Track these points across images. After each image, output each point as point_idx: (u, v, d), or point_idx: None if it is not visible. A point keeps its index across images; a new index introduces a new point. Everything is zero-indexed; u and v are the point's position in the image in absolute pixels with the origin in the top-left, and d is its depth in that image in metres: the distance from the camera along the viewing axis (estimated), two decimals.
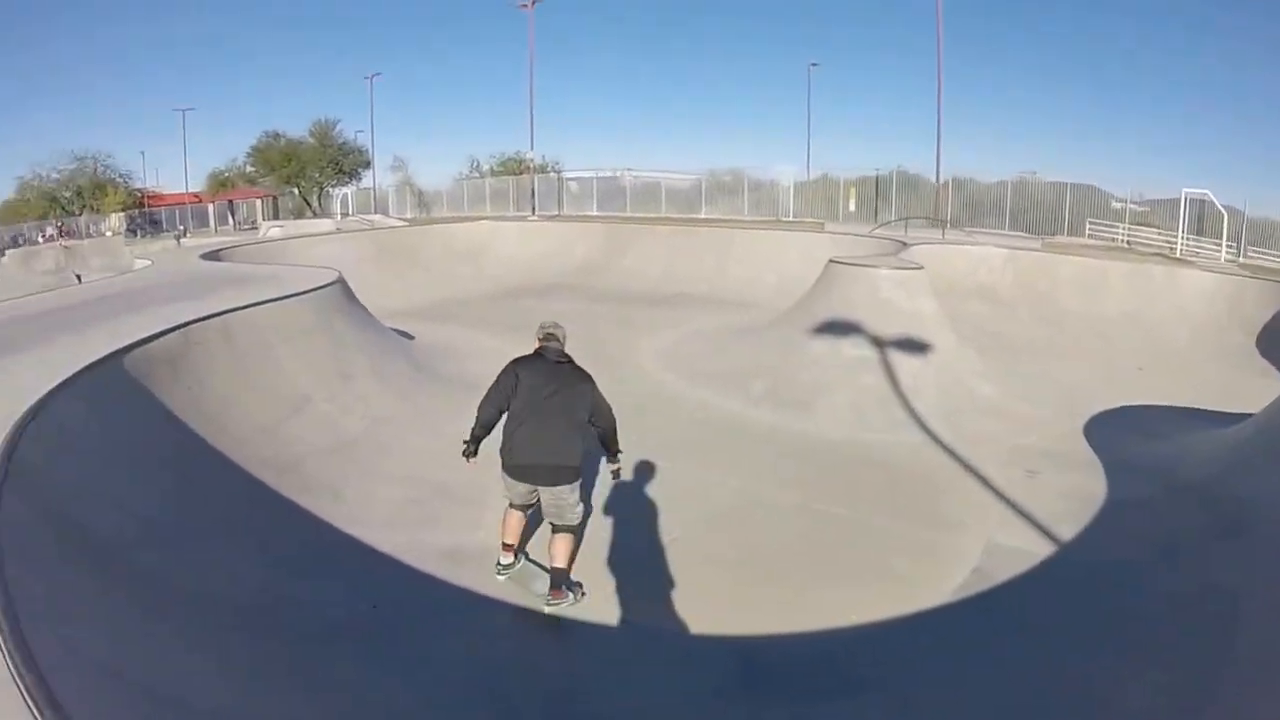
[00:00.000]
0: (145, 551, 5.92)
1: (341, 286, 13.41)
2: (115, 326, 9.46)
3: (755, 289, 24.10)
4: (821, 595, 7.25)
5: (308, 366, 10.86)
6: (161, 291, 13.08)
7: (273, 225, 40.65)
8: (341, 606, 6.57)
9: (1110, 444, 10.97)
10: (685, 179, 49.12)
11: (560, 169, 57.64)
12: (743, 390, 13.27)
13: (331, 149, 69.14)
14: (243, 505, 7.80)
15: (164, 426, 7.98)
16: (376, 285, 19.04)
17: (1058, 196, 35.40)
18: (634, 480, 9.41)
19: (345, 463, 9.37)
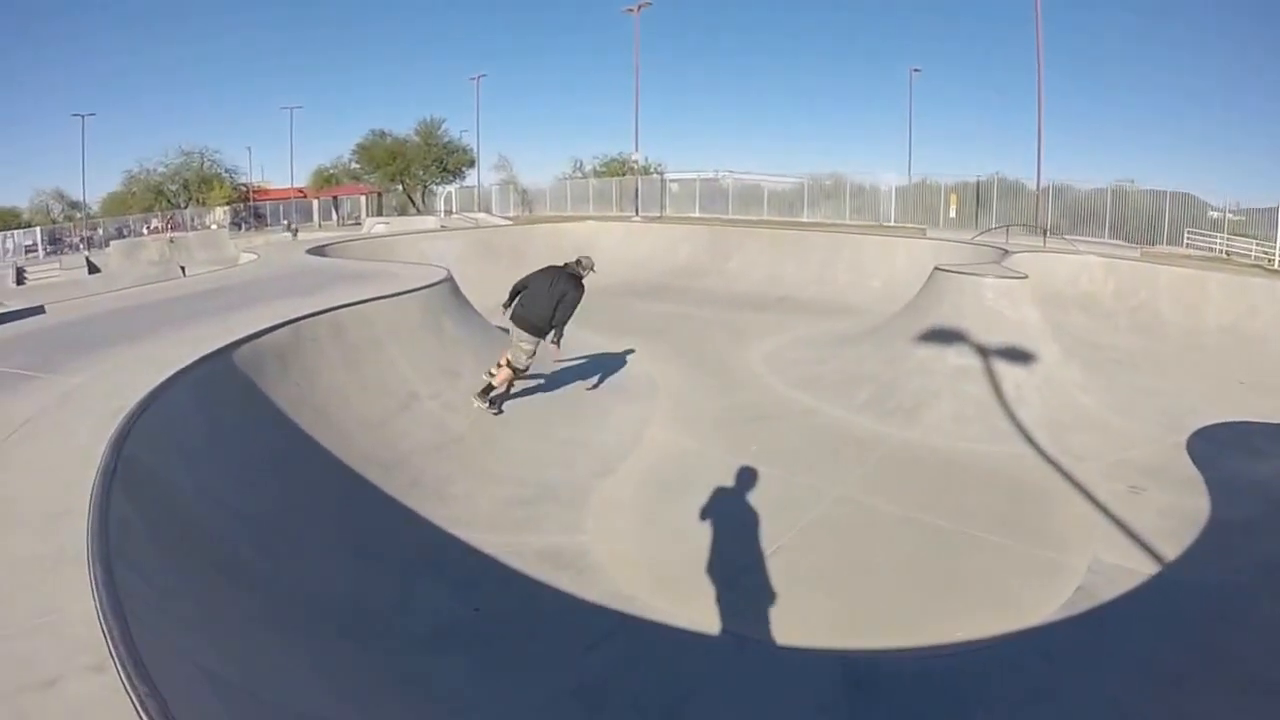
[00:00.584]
0: (250, 552, 6.08)
1: (450, 284, 13.61)
2: (225, 320, 9.69)
3: (860, 294, 24.12)
4: (926, 610, 7.20)
5: (416, 364, 10.98)
6: (269, 286, 13.46)
7: (378, 221, 41.42)
8: (445, 610, 6.65)
9: (1213, 461, 10.71)
10: (785, 182, 49.12)
11: (663, 170, 57.92)
12: (847, 397, 13.21)
13: (436, 147, 69.58)
14: (348, 504, 7.90)
15: (272, 422, 8.13)
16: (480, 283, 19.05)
17: (1156, 205, 34.88)
18: (738, 487, 9.47)
19: (450, 461, 9.47)
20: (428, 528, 7.95)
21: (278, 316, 9.79)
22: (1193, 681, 6.12)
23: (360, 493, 8.15)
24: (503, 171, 68.65)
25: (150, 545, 4.84)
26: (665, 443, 11.14)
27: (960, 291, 14.44)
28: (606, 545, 8.06)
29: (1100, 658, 6.50)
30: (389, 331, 10.97)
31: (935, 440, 11.57)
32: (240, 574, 5.76)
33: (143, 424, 5.83)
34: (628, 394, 13.34)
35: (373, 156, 68.22)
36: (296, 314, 9.93)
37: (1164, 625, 7.02)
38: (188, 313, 10.63)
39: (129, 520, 4.60)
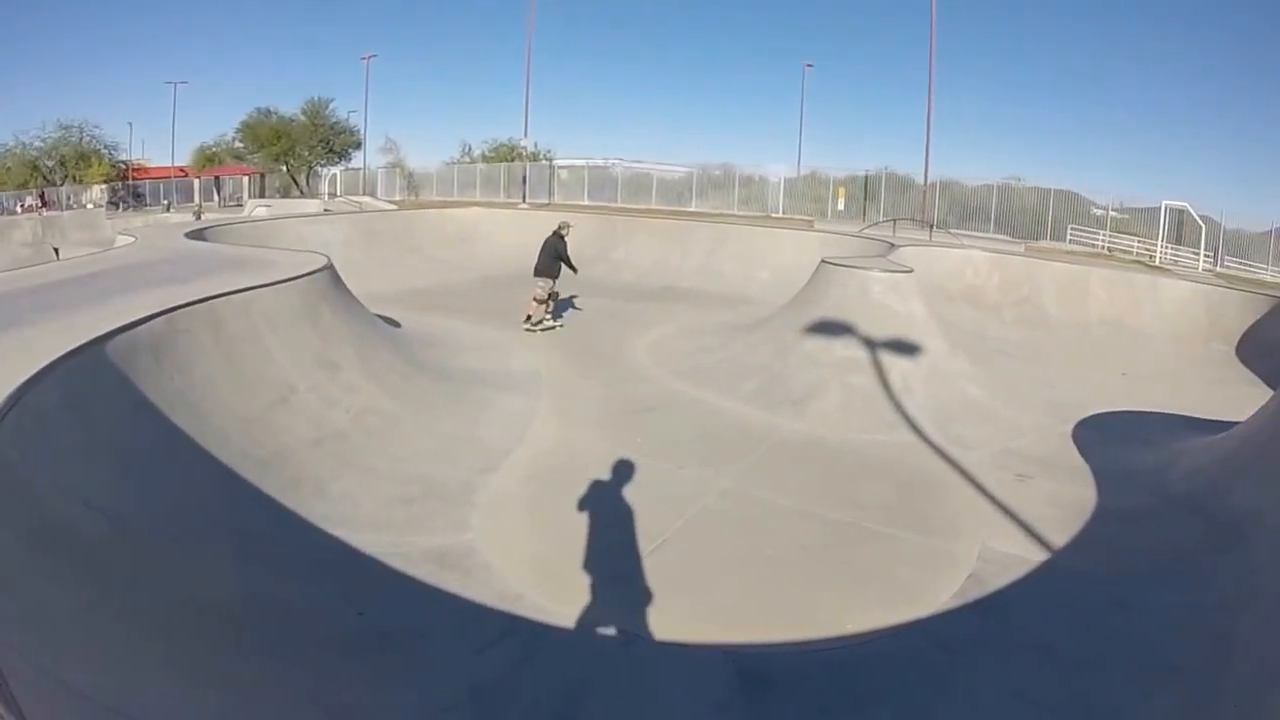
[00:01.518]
0: (125, 556, 5.75)
1: (330, 272, 13.18)
2: (98, 309, 9.13)
3: (747, 285, 24.30)
4: (818, 602, 7.17)
5: (294, 356, 10.60)
6: (146, 272, 12.82)
7: (259, 204, 40.46)
8: (331, 615, 6.45)
9: (1098, 450, 11.07)
10: (675, 171, 49.28)
11: (552, 157, 57.75)
12: (734, 388, 13.24)
13: (323, 128, 68.42)
14: (227, 503, 7.59)
15: (146, 418, 7.70)
16: (364, 269, 18.84)
17: (1041, 202, 36.01)
18: (624, 480, 9.39)
19: (331, 458, 9.18)
20: (309, 528, 7.68)
21: (153, 305, 9.30)
22: (1094, 666, 6.23)
23: (239, 492, 7.81)
24: (390, 154, 67.75)
25: (23, 558, 4.61)
26: (550, 437, 10.99)
27: (847, 284, 14.57)
28: (494, 544, 7.88)
29: (1000, 646, 6.60)
30: (266, 322, 10.53)
31: (823, 431, 11.63)
32: (118, 582, 5.43)
33: (9, 424, 5.50)
34: (512, 387, 13.14)
35: (257, 135, 66.70)
36: (171, 303, 9.42)
37: (1062, 612, 7.12)
38: (58, 300, 10.03)
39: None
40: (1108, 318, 20.64)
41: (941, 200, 38.30)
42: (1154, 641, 6.52)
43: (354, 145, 70.69)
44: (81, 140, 67.05)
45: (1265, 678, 5.61)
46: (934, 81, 38.17)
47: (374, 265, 23.00)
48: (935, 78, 38.39)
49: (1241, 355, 18.79)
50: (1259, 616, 6.34)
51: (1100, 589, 7.43)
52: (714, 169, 47.87)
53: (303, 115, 68.41)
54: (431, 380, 12.63)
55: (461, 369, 13.78)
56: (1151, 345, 19.18)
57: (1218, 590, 7.09)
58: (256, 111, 68.34)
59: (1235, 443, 9.98)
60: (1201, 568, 7.59)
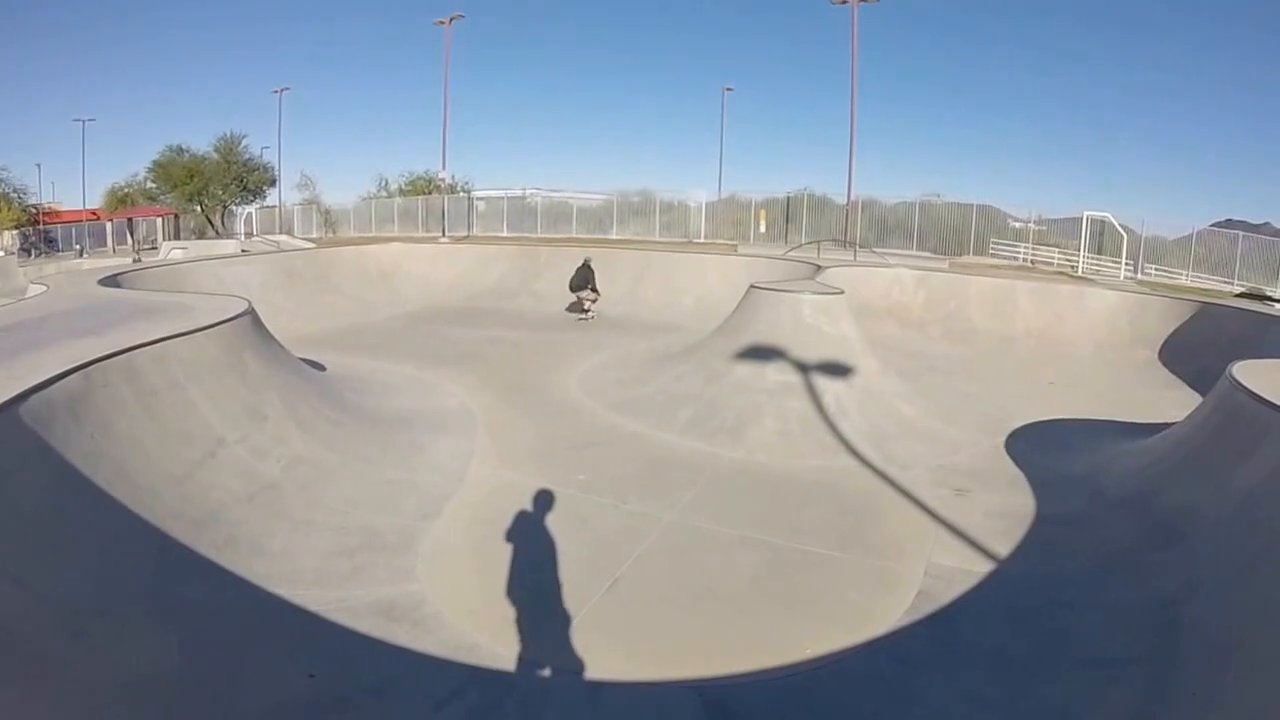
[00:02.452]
0: (59, 641, 5.49)
1: (252, 317, 12.76)
2: (10, 367, 8.59)
3: (672, 312, 24.42)
4: (774, 630, 7.13)
5: (219, 407, 10.20)
6: (61, 323, 12.30)
7: (175, 246, 39.63)
8: (278, 680, 6.18)
9: (1032, 460, 11.28)
10: (594, 199, 49.29)
11: (470, 188, 57.44)
12: (670, 418, 13.15)
13: (236, 165, 67.30)
14: (162, 569, 7.24)
15: (69, 483, 7.29)
16: (285, 310, 18.57)
17: (962, 217, 36.40)
18: (570, 520, 9.26)
19: (266, 512, 8.86)
20: (249, 589, 7.39)
21: (69, 360, 8.85)
22: (1042, 665, 6.44)
23: (173, 555, 7.47)
24: (306, 190, 67.07)
25: None
26: (490, 478, 10.81)
27: (777, 308, 14.58)
28: (443, 592, 7.69)
29: (953, 656, 6.71)
30: (187, 373, 10.11)
31: (761, 458, 11.62)
32: (51, 671, 5.16)
33: None
34: (446, 428, 12.92)
35: (170, 175, 65.40)
36: (87, 357, 8.97)
37: (1007, 618, 7.27)
38: None
39: None
40: (1034, 329, 21.12)
41: (862, 219, 38.40)
42: (1102, 638, 6.71)
43: (269, 182, 69.65)
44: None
45: (1218, 661, 5.82)
46: (856, 100, 38.45)
47: (295, 306, 22.72)
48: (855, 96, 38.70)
49: (1165, 359, 19.35)
50: (1203, 604, 6.60)
51: (1045, 592, 7.64)
52: (633, 196, 47.88)
53: (215, 152, 67.20)
54: (363, 425, 12.33)
55: (392, 411, 13.52)
56: (1077, 354, 19.67)
57: (1160, 584, 7.28)
58: (168, 149, 67.05)
59: (1168, 445, 10.29)
60: (1142, 564, 7.82)
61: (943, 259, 31.90)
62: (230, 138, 67.99)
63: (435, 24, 48.61)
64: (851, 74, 39.06)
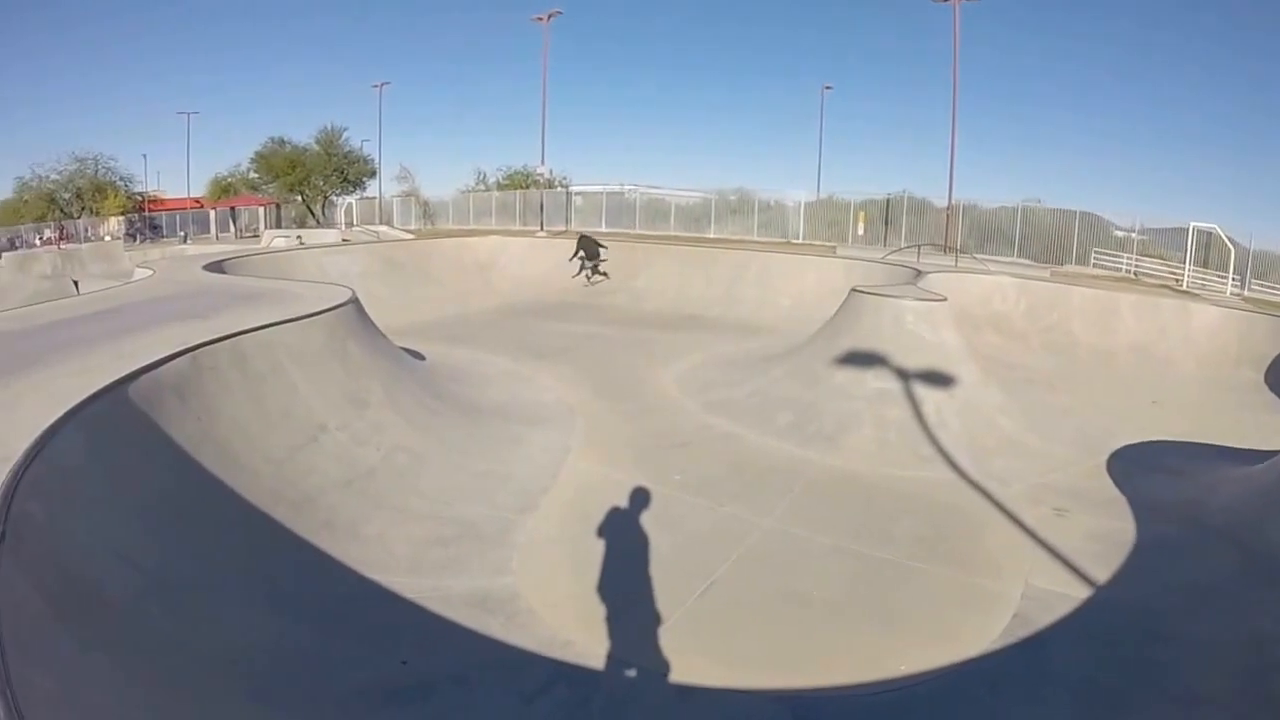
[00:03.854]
0: (158, 611, 5.55)
1: (355, 306, 13.00)
2: (119, 347, 8.95)
3: (769, 313, 24.08)
4: (867, 643, 7.04)
5: (322, 393, 10.39)
6: (167, 307, 12.67)
7: (278, 234, 40.42)
8: (369, 664, 6.26)
9: (1133, 482, 10.85)
10: (692, 196, 49.14)
11: (567, 183, 57.63)
12: (767, 421, 13.03)
13: (337, 157, 68.77)
14: (258, 549, 7.40)
15: (173, 462, 7.47)
16: (384, 300, 18.67)
17: (1063, 224, 35.25)
18: (666, 520, 9.23)
19: (363, 498, 8.98)
20: (345, 572, 7.49)
21: (175, 342, 9.11)
22: (1132, 698, 6.20)
23: (271, 536, 7.61)
24: (405, 183, 67.76)
25: (49, 623, 4.35)
26: (587, 473, 10.81)
27: (879, 313, 14.32)
28: (536, 587, 7.70)
29: (1045, 684, 6.50)
30: (292, 359, 10.31)
31: (859, 466, 11.44)
32: (149, 639, 5.22)
33: (32, 474, 5.21)
34: (543, 421, 12.94)
35: (271, 166, 67.04)
36: (195, 340, 9.20)
37: (1100, 647, 7.01)
38: (79, 337, 9.82)
39: (24, 599, 4.11)
40: (1136, 344, 20.33)
41: (962, 224, 37.78)
42: (1193, 674, 6.49)
43: (368, 174, 71.08)
44: (97, 173, 67.56)
45: None
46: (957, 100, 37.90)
47: (394, 296, 22.99)
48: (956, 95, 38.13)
49: (1271, 382, 18.35)
50: None
51: (1139, 621, 7.36)
52: (730, 194, 47.56)
53: (316, 145, 68.81)
54: (461, 416, 12.42)
55: (490, 403, 13.60)
56: (1179, 372, 18.90)
57: (1256, 623, 7.05)
58: (270, 141, 68.96)
59: (1275, 475, 9.77)
60: (1240, 600, 7.55)
61: (1044, 267, 31.03)
62: (331, 130, 69.62)
63: (533, 20, 48.96)
64: (953, 73, 38.62)
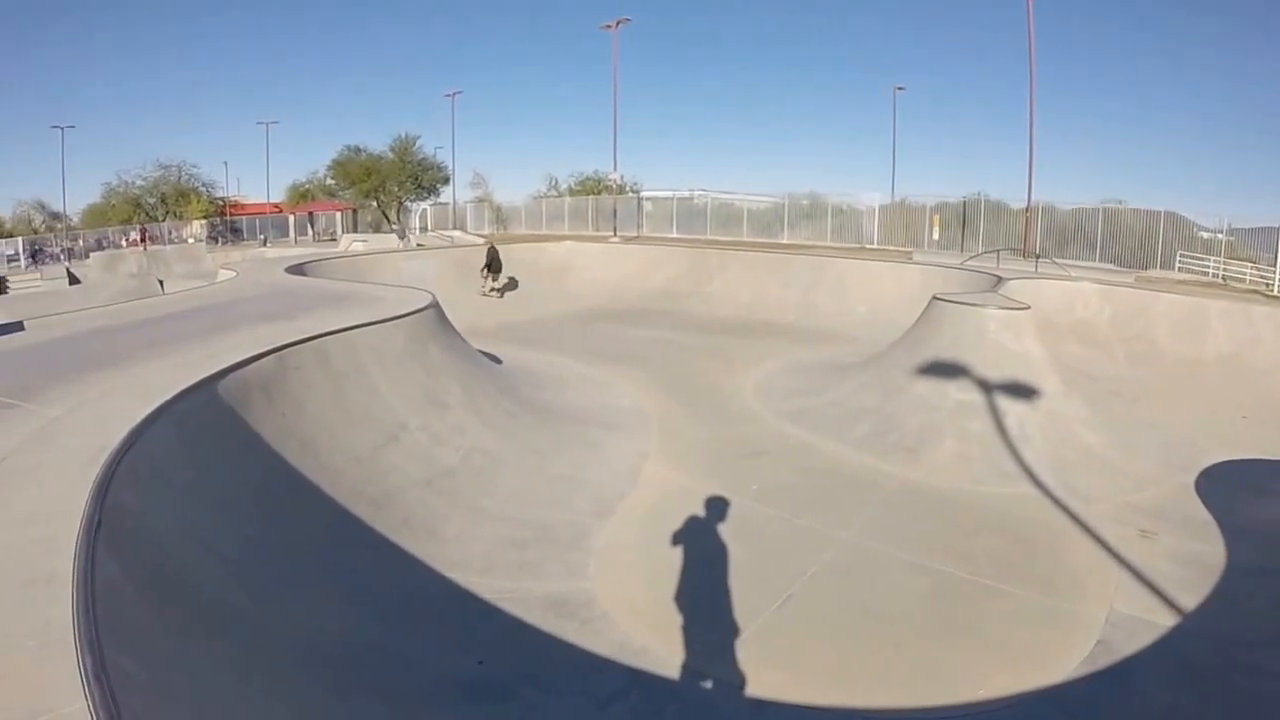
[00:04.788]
0: (242, 600, 5.72)
1: (436, 309, 13.20)
2: (209, 346, 9.30)
3: (845, 320, 23.72)
4: (948, 663, 6.91)
5: (403, 394, 10.60)
6: (251, 307, 13.02)
7: (355, 239, 40.91)
8: (446, 663, 6.35)
9: (1223, 503, 10.48)
10: (763, 201, 48.88)
11: (639, 188, 57.73)
12: (845, 431, 12.86)
13: (411, 164, 69.74)
14: (339, 543, 7.57)
15: (258, 457, 7.73)
16: (460, 303, 18.97)
17: (1147, 225, 33.92)
18: (743, 530, 9.18)
19: (442, 497, 9.12)
20: (422, 570, 7.62)
21: (261, 341, 9.42)
22: None
23: (351, 531, 7.78)
24: (478, 189, 68.41)
25: (140, 610, 4.44)
26: (664, 481, 10.80)
27: (961, 322, 14.05)
28: (613, 593, 7.73)
29: (1125, 715, 6.31)
30: (375, 359, 10.55)
31: (939, 480, 11.25)
32: (233, 628, 5.35)
33: (127, 464, 5.40)
34: (619, 426, 12.99)
35: (347, 172, 68.29)
36: (280, 340, 9.49)
37: (1185, 677, 6.82)
38: (169, 335, 10.28)
39: (116, 583, 4.21)
40: (1225, 354, 19.38)
41: (1040, 226, 36.92)
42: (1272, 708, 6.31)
43: (442, 180, 71.94)
44: (180, 179, 69.31)
45: None
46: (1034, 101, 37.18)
47: (469, 299, 23.36)
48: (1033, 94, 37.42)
49: None
50: None
51: (1227, 652, 7.13)
52: (802, 198, 47.28)
53: (391, 152, 69.77)
54: (538, 419, 12.50)
55: (567, 407, 13.67)
56: (1273, 384, 17.81)
57: None
58: (346, 149, 70.08)
59: None
60: None
61: (1127, 272, 29.99)
62: (405, 138, 70.50)
63: (601, 28, 48.95)
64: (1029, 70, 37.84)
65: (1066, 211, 37.75)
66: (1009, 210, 39.42)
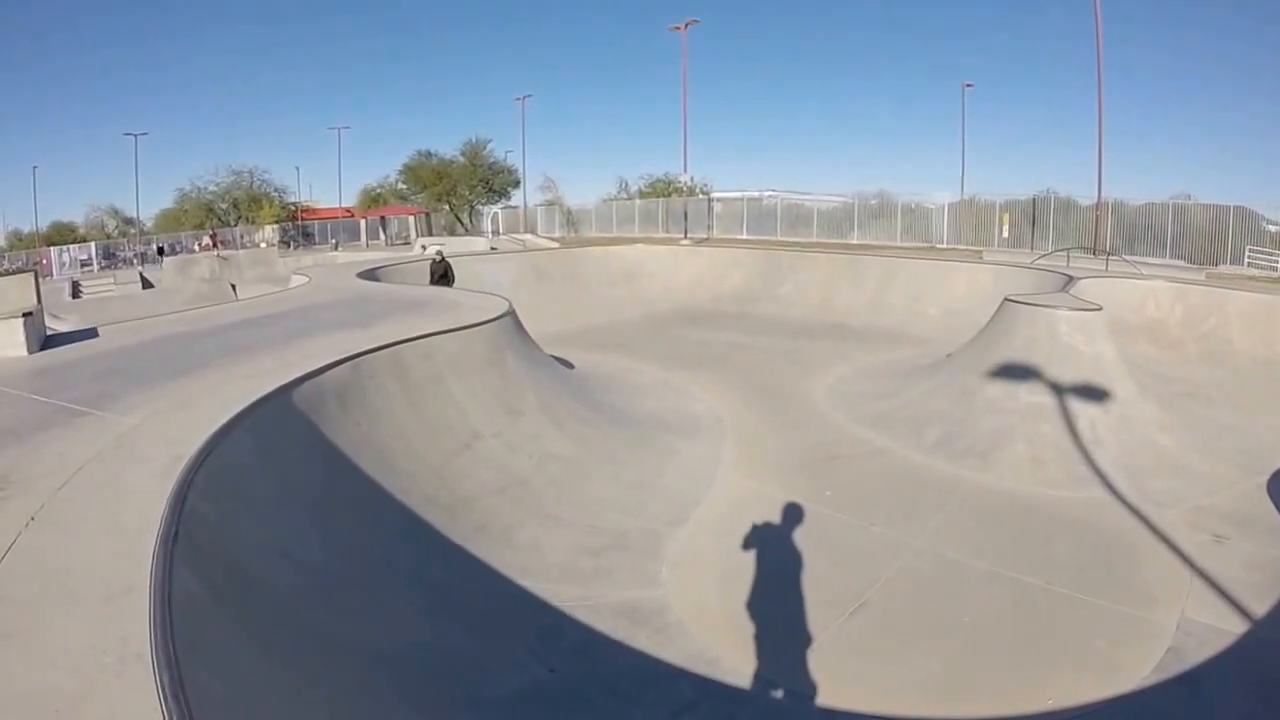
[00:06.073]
0: (319, 609, 5.78)
1: (512, 317, 13.25)
2: (284, 354, 9.46)
3: (917, 322, 23.63)
4: (1018, 672, 6.86)
5: (478, 401, 10.65)
6: (324, 314, 13.25)
7: (432, 243, 41.53)
8: (522, 671, 6.36)
9: None
10: (832, 201, 48.76)
11: (708, 190, 57.82)
12: (918, 436, 12.80)
13: (482, 168, 70.79)
14: (414, 550, 7.63)
15: (334, 464, 7.81)
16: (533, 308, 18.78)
17: (1216, 220, 33.75)
18: (816, 537, 9.17)
19: (515, 505, 9.15)
20: (496, 577, 7.69)
21: (335, 348, 9.62)
22: None
23: (425, 538, 7.88)
24: (549, 192, 69.14)
25: (217, 621, 4.54)
26: (737, 487, 10.80)
27: (1032, 324, 13.89)
28: (686, 601, 7.74)
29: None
30: (450, 367, 10.66)
31: (1011, 484, 11.15)
32: (311, 637, 5.47)
33: (203, 474, 5.54)
34: (694, 432, 13.00)
35: (419, 177, 69.40)
36: (355, 348, 9.68)
37: (1258, 688, 6.68)
38: (243, 342, 10.47)
39: (194, 596, 4.30)
40: None
41: (1110, 223, 36.67)
42: None
43: (513, 184, 73.03)
44: (252, 184, 70.94)
45: None
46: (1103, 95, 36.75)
47: (543, 304, 23.21)
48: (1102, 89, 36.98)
49: None
50: None
51: None
52: (871, 198, 47.15)
53: (462, 156, 71.17)
54: (612, 425, 12.54)
55: (641, 413, 13.71)
56: None
57: None
58: (417, 154, 71.78)
59: None
60: None
61: (1198, 269, 29.53)
62: (475, 142, 72.12)
63: (671, 29, 49.13)
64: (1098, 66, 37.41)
65: (1135, 208, 37.25)
66: (1078, 207, 39.03)
